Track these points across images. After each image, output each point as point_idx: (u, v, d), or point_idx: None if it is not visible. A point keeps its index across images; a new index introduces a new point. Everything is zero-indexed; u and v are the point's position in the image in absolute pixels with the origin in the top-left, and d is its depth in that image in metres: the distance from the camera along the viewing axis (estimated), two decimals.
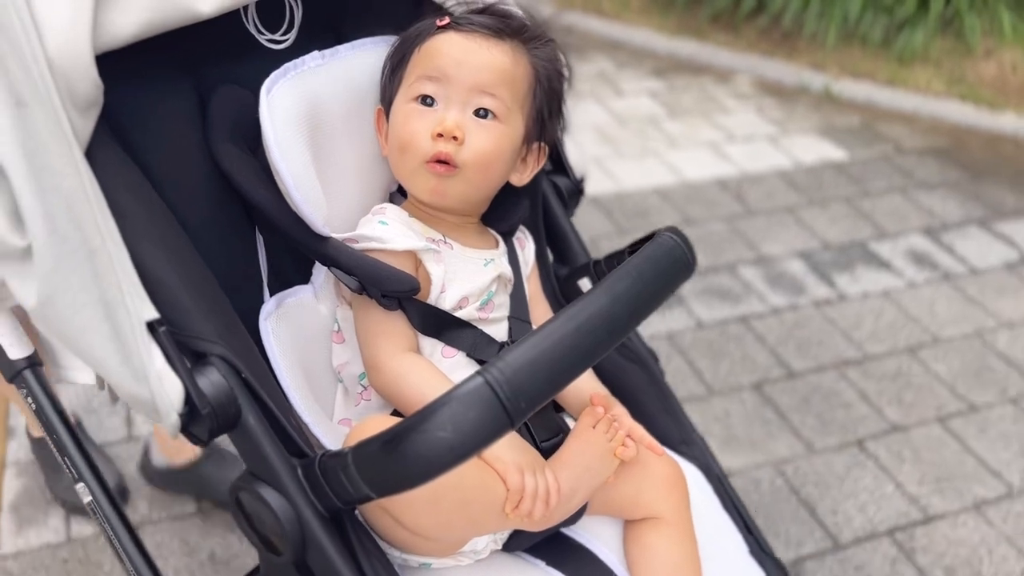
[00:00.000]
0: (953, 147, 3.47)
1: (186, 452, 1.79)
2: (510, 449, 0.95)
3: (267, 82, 0.99)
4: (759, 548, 1.20)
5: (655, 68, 3.92)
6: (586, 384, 1.13)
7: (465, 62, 1.03)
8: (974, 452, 2.08)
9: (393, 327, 1.02)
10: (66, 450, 1.01)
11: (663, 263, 0.91)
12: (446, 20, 1.07)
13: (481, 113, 1.03)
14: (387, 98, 1.10)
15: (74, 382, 0.95)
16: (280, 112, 0.98)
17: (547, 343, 0.79)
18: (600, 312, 0.83)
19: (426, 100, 1.03)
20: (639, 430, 1.05)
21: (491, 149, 1.04)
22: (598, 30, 4.20)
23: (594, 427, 1.04)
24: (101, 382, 0.94)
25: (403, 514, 0.90)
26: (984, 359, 2.36)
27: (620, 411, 1.07)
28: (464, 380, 0.75)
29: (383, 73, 1.11)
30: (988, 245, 2.85)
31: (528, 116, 1.08)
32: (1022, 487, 2.00)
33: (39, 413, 1.01)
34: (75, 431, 1.02)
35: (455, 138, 1.01)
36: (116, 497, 1.01)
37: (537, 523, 0.96)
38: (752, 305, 2.48)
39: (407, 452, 0.75)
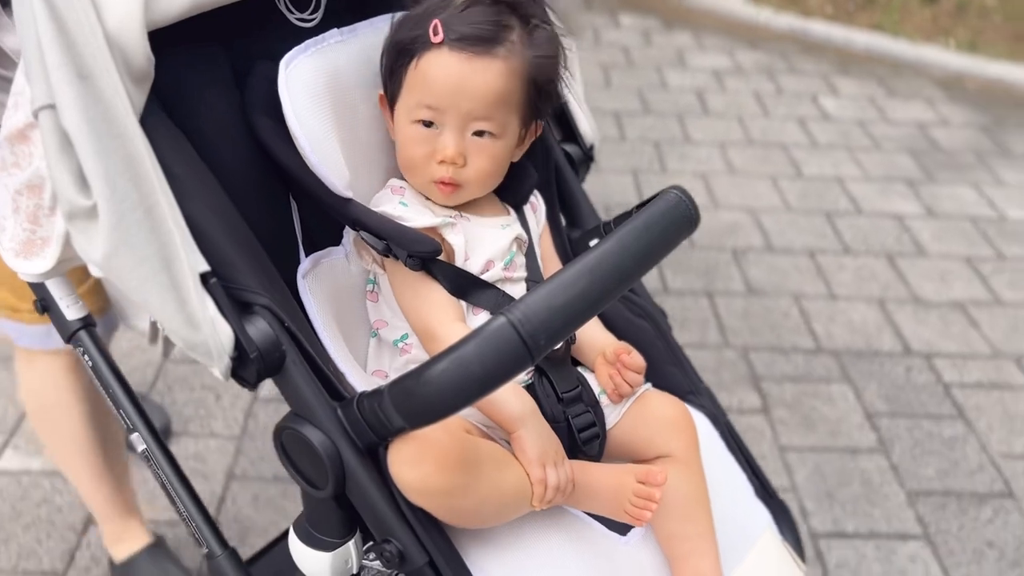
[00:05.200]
0: None
1: (125, 545, 1.77)
2: (536, 438, 1.02)
3: (287, 56, 1.07)
4: (764, 491, 1.28)
5: None
6: (601, 337, 1.21)
7: (460, 92, 1.06)
8: None
9: (439, 297, 1.08)
10: (120, 404, 1.09)
11: (669, 216, 0.98)
12: (440, 37, 1.06)
13: (478, 132, 1.09)
14: (388, 93, 1.14)
15: (138, 329, 1.03)
16: (298, 84, 1.06)
17: (563, 288, 0.86)
18: (610, 260, 0.90)
19: (426, 123, 1.09)
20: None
21: (491, 166, 1.12)
22: None
23: (639, 482, 1.06)
24: (154, 336, 1.03)
25: (447, 519, 0.98)
26: None
27: (636, 356, 1.16)
28: (488, 320, 0.83)
29: (381, 64, 1.15)
30: None
31: (523, 112, 1.13)
32: None
33: (95, 370, 1.10)
34: (128, 385, 1.10)
35: (456, 163, 1.09)
36: (167, 445, 1.10)
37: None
38: None
39: (437, 384, 0.83)
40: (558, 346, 1.13)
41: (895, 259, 2.92)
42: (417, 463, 0.92)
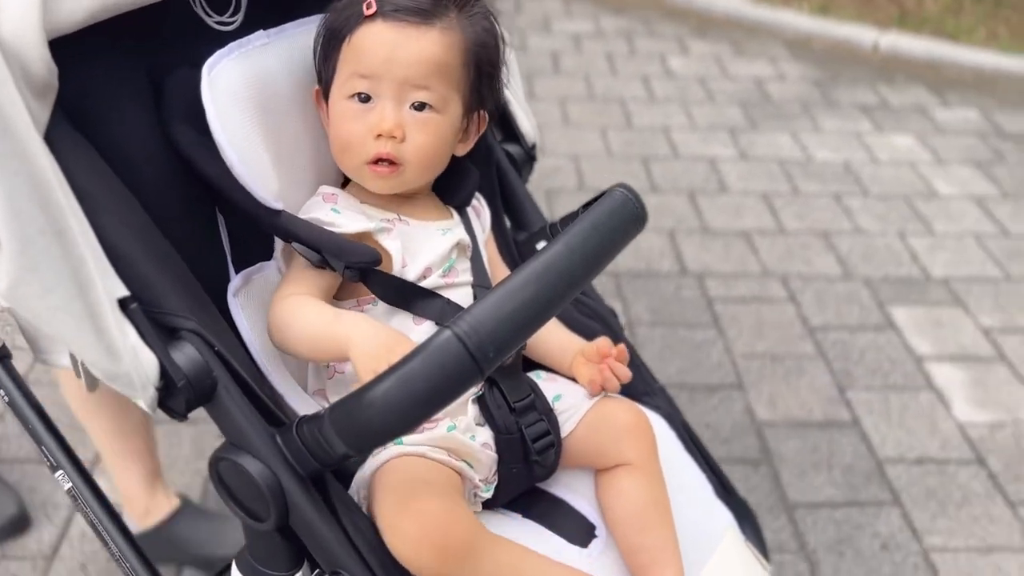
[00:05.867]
0: None
1: (155, 512, 1.74)
2: (363, 351, 0.92)
3: (210, 60, 1.00)
4: (723, 490, 1.25)
5: None
6: (568, 340, 1.19)
7: (394, 59, 1.01)
8: None
9: (302, 277, 1.03)
10: (41, 439, 1.02)
11: (617, 216, 0.95)
12: (372, 9, 1.03)
13: (418, 105, 1.04)
14: (323, 82, 1.10)
15: (55, 365, 0.96)
16: (222, 89, 1.00)
17: (510, 295, 0.81)
18: (558, 265, 0.86)
19: (361, 96, 1.04)
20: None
21: (432, 143, 1.05)
22: None
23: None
24: (78, 369, 0.95)
25: None
26: None
27: (622, 348, 1.16)
28: (434, 334, 0.78)
29: (315, 55, 1.10)
30: None
31: (464, 94, 1.08)
32: None
33: (12, 405, 1.02)
34: (48, 419, 1.03)
35: (395, 136, 1.03)
36: (95, 481, 1.02)
37: None
38: None
39: (380, 405, 0.78)
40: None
41: (696, 196, 3.12)
42: (415, 546, 0.90)
